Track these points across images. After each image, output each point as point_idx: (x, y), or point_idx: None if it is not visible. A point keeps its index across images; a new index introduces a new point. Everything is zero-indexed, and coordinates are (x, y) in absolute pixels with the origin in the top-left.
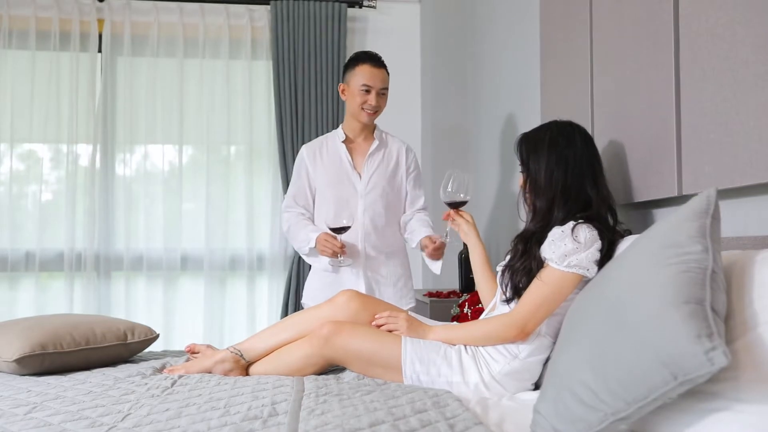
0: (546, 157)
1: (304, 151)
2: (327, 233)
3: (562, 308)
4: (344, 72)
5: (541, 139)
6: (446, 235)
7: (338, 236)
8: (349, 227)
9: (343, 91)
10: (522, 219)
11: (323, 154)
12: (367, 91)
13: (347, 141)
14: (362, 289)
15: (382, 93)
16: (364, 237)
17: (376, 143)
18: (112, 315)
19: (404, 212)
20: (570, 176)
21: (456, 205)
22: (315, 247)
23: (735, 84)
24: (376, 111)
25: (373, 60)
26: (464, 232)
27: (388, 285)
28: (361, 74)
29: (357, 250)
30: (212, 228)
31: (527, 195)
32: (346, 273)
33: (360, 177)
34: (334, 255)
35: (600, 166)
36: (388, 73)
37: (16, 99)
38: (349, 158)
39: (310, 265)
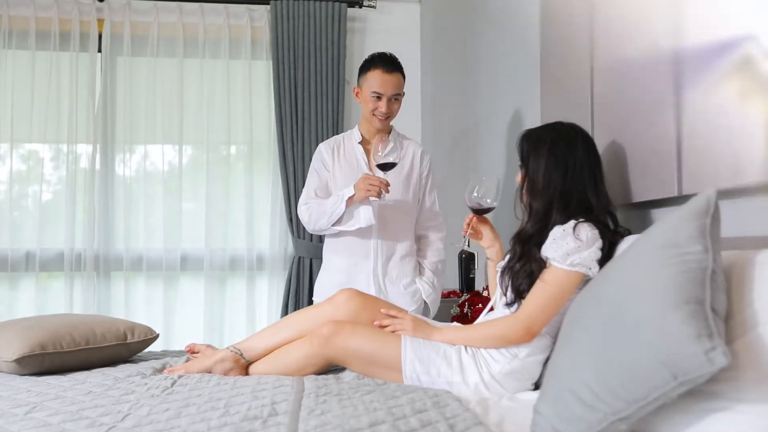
0: (545, 158)
1: (323, 148)
2: (367, 174)
3: (563, 308)
4: (359, 74)
5: (543, 139)
6: (466, 242)
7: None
8: (396, 164)
9: (356, 94)
10: (518, 217)
11: (341, 154)
12: (378, 98)
13: (363, 142)
14: (372, 291)
15: (395, 99)
16: (378, 238)
17: (390, 146)
18: (112, 315)
19: (418, 215)
20: (568, 181)
21: (481, 212)
22: (353, 196)
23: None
24: (388, 117)
25: (387, 64)
26: (489, 239)
27: (398, 286)
28: (373, 80)
29: (370, 250)
30: (212, 228)
31: (524, 194)
32: (357, 275)
33: None
34: (379, 193)
35: (601, 174)
36: (403, 76)
37: (16, 99)
38: (366, 160)
39: (320, 264)
